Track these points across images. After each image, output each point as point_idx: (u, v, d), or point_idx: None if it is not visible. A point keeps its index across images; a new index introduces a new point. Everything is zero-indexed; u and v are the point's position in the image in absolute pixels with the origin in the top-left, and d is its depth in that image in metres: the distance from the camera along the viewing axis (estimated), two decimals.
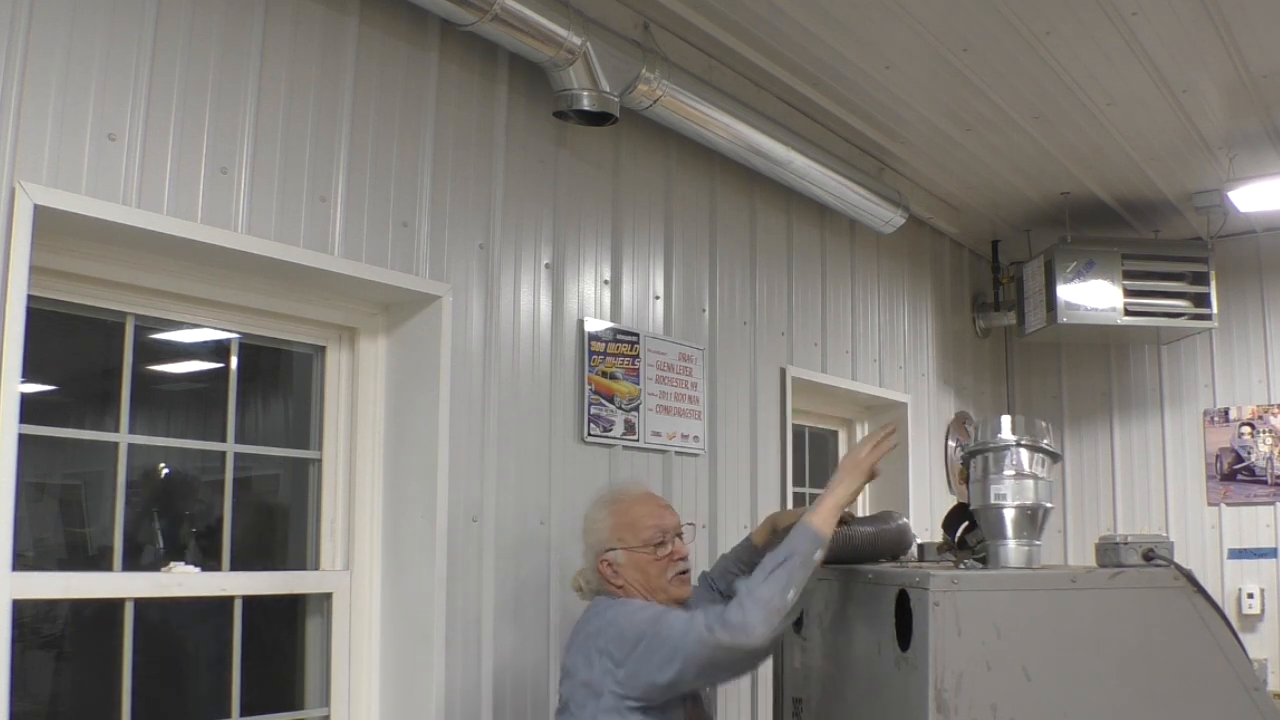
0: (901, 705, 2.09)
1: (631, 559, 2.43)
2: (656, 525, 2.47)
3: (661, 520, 2.49)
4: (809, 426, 4.73)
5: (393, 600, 2.77)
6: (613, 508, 2.51)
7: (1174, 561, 2.15)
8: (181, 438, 2.59)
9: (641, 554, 2.44)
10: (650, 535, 2.45)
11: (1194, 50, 3.65)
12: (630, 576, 2.43)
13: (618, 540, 2.45)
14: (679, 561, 2.48)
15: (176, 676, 2.55)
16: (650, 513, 2.50)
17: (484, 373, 2.90)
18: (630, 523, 2.47)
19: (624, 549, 2.44)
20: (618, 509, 2.50)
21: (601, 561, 2.44)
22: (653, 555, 2.44)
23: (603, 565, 2.44)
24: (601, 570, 2.44)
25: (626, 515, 2.48)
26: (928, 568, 2.26)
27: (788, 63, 3.76)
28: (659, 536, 2.45)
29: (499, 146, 3.02)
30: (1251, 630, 5.38)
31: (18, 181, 1.98)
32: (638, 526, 2.46)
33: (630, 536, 2.45)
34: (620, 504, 2.52)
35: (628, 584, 2.43)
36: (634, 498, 2.55)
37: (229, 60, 2.37)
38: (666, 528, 2.48)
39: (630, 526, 2.46)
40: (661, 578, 2.44)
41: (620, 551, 2.43)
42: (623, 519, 2.48)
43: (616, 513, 2.49)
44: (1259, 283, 5.63)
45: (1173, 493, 5.73)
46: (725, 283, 3.86)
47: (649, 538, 2.45)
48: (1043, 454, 2.30)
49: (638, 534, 2.45)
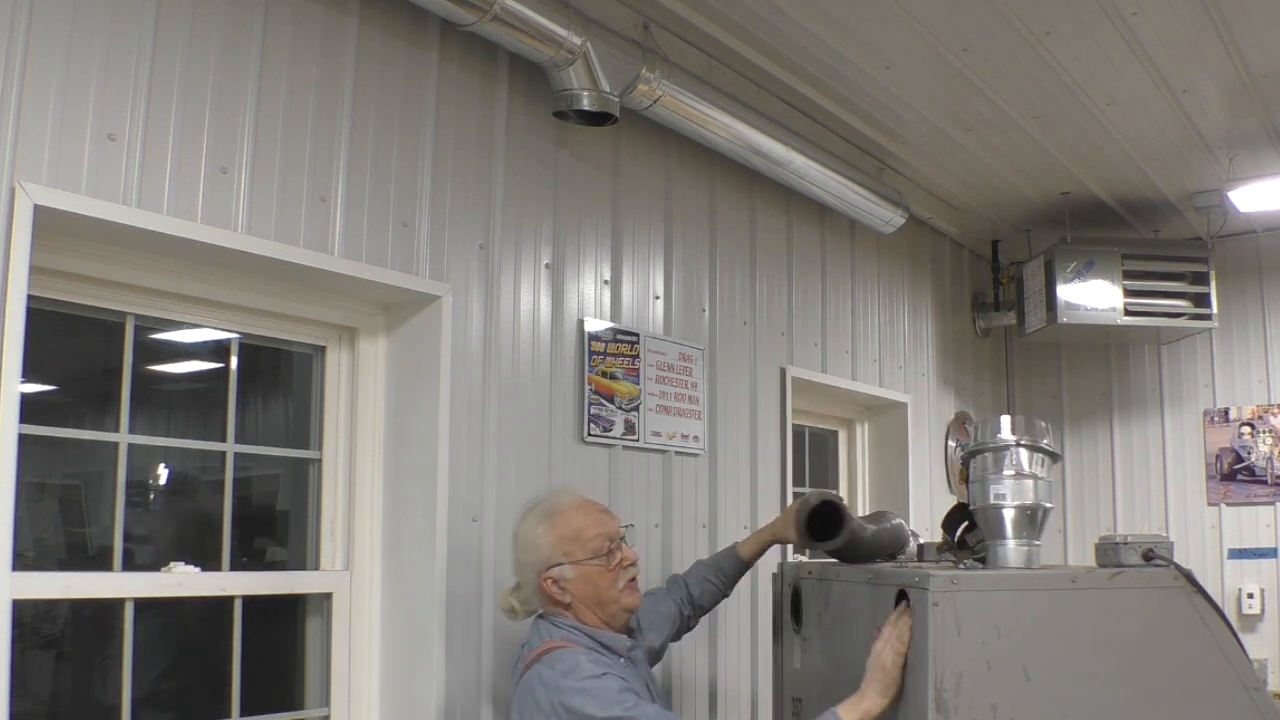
0: (901, 705, 2.09)
1: (580, 573, 2.30)
2: (601, 533, 2.34)
3: (605, 527, 2.36)
4: (809, 426, 4.73)
5: (393, 600, 2.77)
6: (550, 521, 2.35)
7: (1174, 561, 2.15)
8: (181, 438, 2.59)
9: (590, 566, 2.31)
10: (598, 545, 2.32)
11: (1194, 50, 3.65)
12: (579, 591, 2.30)
13: (563, 554, 2.31)
14: (629, 568, 2.36)
15: (176, 676, 2.55)
16: (593, 521, 2.37)
17: (484, 373, 2.90)
18: (574, 535, 2.33)
19: (571, 563, 2.30)
20: (557, 521, 2.35)
21: (545, 579, 2.30)
22: (604, 566, 2.32)
23: (546, 583, 2.30)
24: (545, 589, 2.30)
25: (568, 526, 2.34)
26: (927, 568, 2.26)
27: (788, 63, 3.76)
28: (606, 545, 2.33)
29: (499, 146, 3.02)
30: (1251, 630, 5.38)
31: (18, 181, 1.98)
32: (582, 538, 2.32)
33: (576, 549, 2.31)
34: (558, 515, 2.36)
35: (576, 600, 2.30)
36: (572, 507, 2.39)
37: (229, 60, 2.37)
38: (611, 534, 2.36)
39: (574, 539, 2.32)
40: (613, 588, 2.32)
41: (567, 566, 2.30)
42: (565, 531, 2.33)
43: (557, 525, 2.34)
44: (1259, 283, 5.63)
45: (1173, 493, 5.73)
46: (725, 283, 3.86)
47: (596, 548, 2.32)
48: (1043, 454, 2.30)
49: (584, 545, 2.32)
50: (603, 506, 2.47)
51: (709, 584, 2.77)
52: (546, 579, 2.31)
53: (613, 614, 2.35)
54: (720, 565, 2.76)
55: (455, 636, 2.73)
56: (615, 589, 2.33)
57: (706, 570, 2.77)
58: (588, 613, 2.33)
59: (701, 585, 2.76)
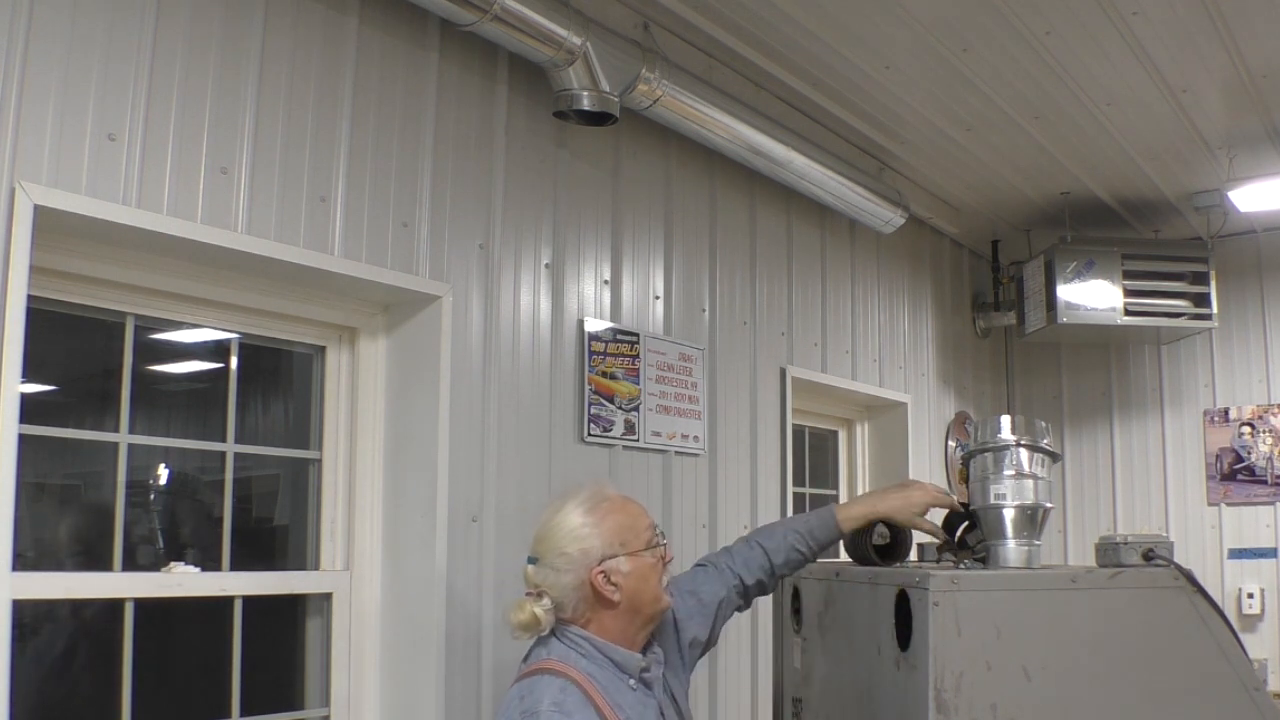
0: (901, 705, 2.09)
1: (635, 566, 2.10)
2: (651, 524, 2.19)
3: (650, 518, 2.20)
4: (809, 426, 4.73)
5: (393, 600, 2.77)
6: (600, 510, 2.15)
7: (1174, 561, 2.15)
8: (181, 438, 2.59)
9: (646, 558, 2.12)
10: (650, 535, 2.16)
11: (1194, 50, 3.65)
12: (631, 587, 2.10)
13: (619, 545, 2.10)
14: (669, 566, 2.20)
15: (176, 676, 2.55)
16: (641, 510, 2.20)
17: (484, 373, 2.90)
18: (630, 524, 2.14)
19: (627, 554, 2.10)
20: (608, 509, 2.15)
21: (597, 573, 2.07)
22: (659, 558, 2.15)
23: (598, 579, 2.07)
24: (595, 584, 2.08)
25: (624, 514, 2.15)
26: (928, 568, 2.26)
27: (788, 63, 3.76)
28: (657, 537, 2.18)
29: (499, 146, 3.02)
30: (1251, 630, 5.38)
31: (18, 181, 1.98)
32: (637, 527, 2.14)
33: (632, 539, 2.12)
34: (607, 503, 2.16)
35: (625, 597, 2.10)
36: (619, 496, 2.21)
37: (229, 60, 2.37)
38: (654, 525, 2.20)
39: (630, 528, 2.13)
40: (659, 585, 2.15)
41: (623, 558, 2.09)
42: (621, 519, 2.14)
43: (609, 513, 2.14)
44: (1259, 283, 5.63)
45: (1173, 493, 5.73)
46: (725, 283, 3.86)
47: (650, 538, 2.15)
48: (1043, 454, 2.30)
49: (639, 535, 2.13)
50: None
51: (796, 553, 2.39)
52: (599, 573, 2.07)
53: (649, 618, 2.15)
54: (815, 533, 2.39)
55: (455, 637, 2.73)
56: (660, 587, 2.15)
57: (795, 538, 2.39)
58: (619, 620, 2.12)
59: (788, 554, 2.38)
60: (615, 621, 2.11)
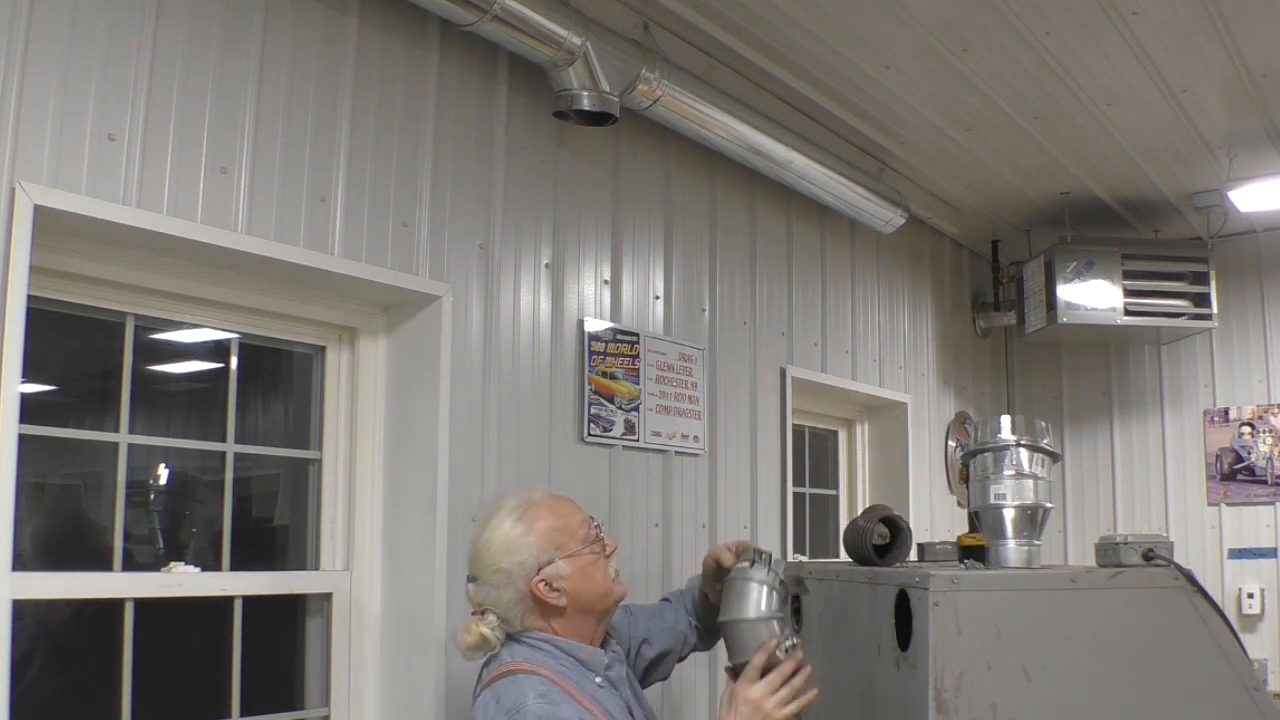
0: (901, 705, 2.09)
1: (578, 566, 2.07)
2: (584, 519, 2.13)
3: (583, 512, 2.15)
4: (809, 426, 4.73)
5: (393, 600, 2.77)
6: (529, 516, 2.10)
7: (1174, 561, 2.15)
8: (181, 438, 2.58)
9: (585, 556, 2.09)
10: (587, 532, 2.11)
11: (1194, 50, 3.65)
12: (576, 588, 2.06)
13: (555, 549, 2.06)
14: (614, 556, 2.16)
15: (176, 676, 2.55)
16: (572, 508, 2.15)
17: (484, 373, 2.90)
18: (561, 525, 2.10)
19: (565, 557, 2.06)
20: (536, 513, 2.10)
21: (538, 583, 2.04)
22: (600, 552, 2.12)
23: (539, 587, 2.04)
24: (537, 594, 2.04)
25: (554, 516, 2.10)
26: (928, 568, 2.26)
27: (788, 63, 3.76)
28: (594, 530, 2.13)
29: (499, 146, 3.02)
30: (1251, 630, 5.38)
31: (18, 181, 1.98)
32: (570, 526, 2.10)
33: (568, 540, 2.08)
34: (536, 509, 2.11)
35: (571, 600, 2.07)
36: (545, 498, 2.15)
37: (229, 60, 2.37)
38: (589, 519, 2.16)
39: (563, 529, 2.09)
40: (606, 579, 2.12)
41: (561, 562, 2.06)
42: (552, 522, 2.09)
43: (538, 518, 2.09)
44: (1259, 283, 5.64)
45: (1173, 493, 5.73)
46: (725, 283, 3.86)
47: (586, 535, 2.11)
48: (1043, 454, 2.30)
49: (574, 534, 2.09)
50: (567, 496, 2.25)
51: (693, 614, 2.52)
52: (539, 582, 2.05)
53: (603, 612, 2.14)
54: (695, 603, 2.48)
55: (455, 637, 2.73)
56: (608, 580, 2.13)
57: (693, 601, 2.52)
58: (571, 621, 2.10)
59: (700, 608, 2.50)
60: (569, 623, 2.10)
